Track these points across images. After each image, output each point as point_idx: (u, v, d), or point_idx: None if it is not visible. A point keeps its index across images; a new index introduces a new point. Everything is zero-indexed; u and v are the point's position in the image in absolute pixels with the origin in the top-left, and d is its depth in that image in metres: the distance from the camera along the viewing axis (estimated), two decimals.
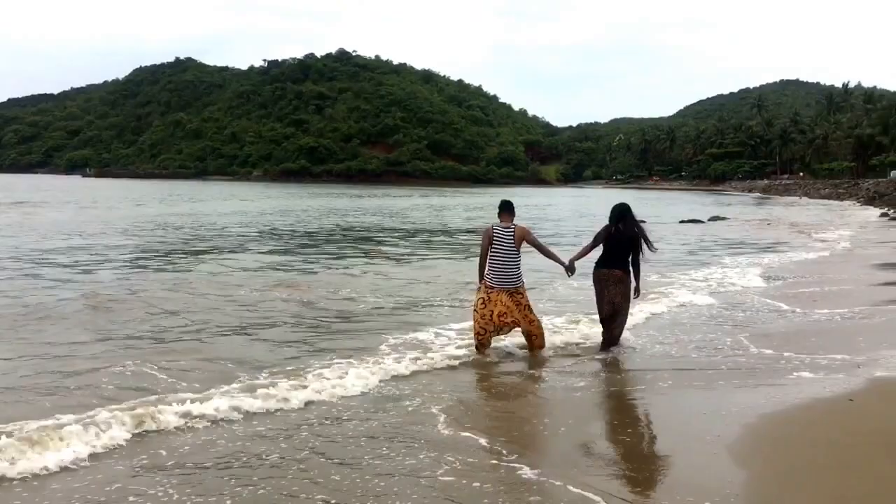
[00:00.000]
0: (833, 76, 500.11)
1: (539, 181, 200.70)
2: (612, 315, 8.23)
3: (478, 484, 4.39)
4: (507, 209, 8.09)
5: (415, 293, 12.53)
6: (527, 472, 4.60)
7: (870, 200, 60.86)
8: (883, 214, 42.10)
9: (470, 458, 4.83)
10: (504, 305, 7.88)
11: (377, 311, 10.77)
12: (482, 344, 8.04)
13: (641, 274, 8.32)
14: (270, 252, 19.80)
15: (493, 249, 7.92)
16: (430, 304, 11.43)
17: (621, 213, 8.21)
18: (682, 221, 36.47)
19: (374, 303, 11.40)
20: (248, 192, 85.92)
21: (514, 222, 8.12)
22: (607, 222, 8.26)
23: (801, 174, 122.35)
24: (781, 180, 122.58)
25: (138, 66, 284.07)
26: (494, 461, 4.79)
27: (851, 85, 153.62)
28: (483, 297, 7.93)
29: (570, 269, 8.33)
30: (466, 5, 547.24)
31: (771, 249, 21.89)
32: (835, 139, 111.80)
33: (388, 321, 9.92)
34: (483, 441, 5.18)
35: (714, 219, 38.77)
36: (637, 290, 8.34)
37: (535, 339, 8.11)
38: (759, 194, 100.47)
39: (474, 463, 4.74)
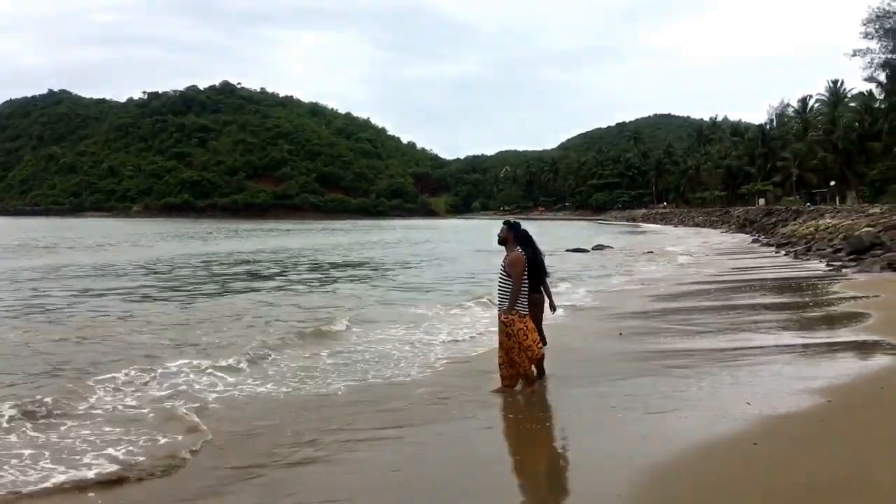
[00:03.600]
0: (701, 110, 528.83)
1: (429, 212, 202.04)
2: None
3: None
4: (519, 232, 7.97)
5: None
6: None
7: (741, 227, 63.87)
8: (755, 241, 44.06)
9: None
10: (535, 332, 7.74)
11: None
12: (519, 376, 7.64)
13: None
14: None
15: (525, 277, 7.70)
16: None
17: (528, 238, 8.19)
18: (567, 250, 37.04)
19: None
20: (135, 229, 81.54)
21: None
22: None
23: (676, 203, 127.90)
24: (658, 209, 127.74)
25: (8, 99, 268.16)
26: None
27: (719, 119, 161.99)
28: (522, 328, 7.58)
29: None
30: (350, 39, 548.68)
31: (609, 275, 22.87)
32: (706, 169, 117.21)
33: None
34: None
35: (598, 247, 39.57)
36: (553, 307, 8.60)
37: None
38: (638, 223, 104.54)
39: None
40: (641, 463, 5.12)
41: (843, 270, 20.15)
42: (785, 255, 29.75)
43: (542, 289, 8.33)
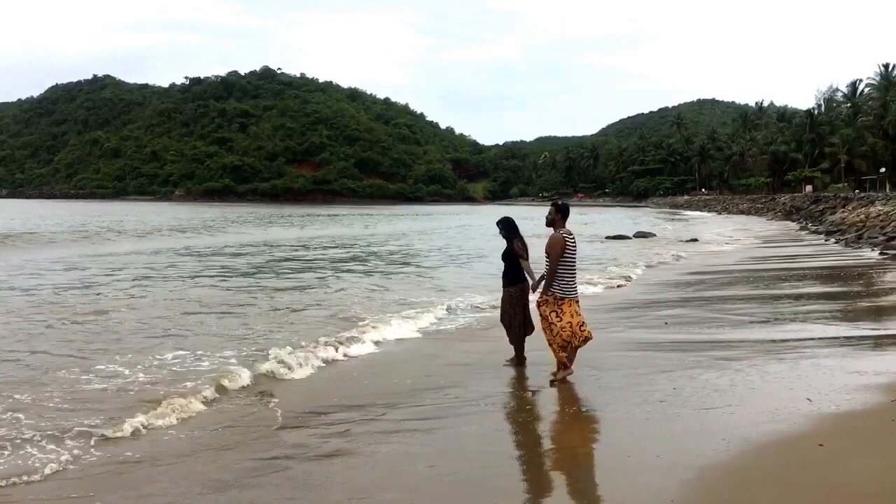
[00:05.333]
0: (747, 95, 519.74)
1: (467, 199, 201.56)
2: None
3: None
4: (567, 214, 7.76)
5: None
6: None
7: (787, 215, 62.34)
8: (802, 228, 42.91)
9: None
10: (579, 315, 7.48)
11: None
12: (567, 360, 7.45)
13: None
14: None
15: (564, 258, 7.47)
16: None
17: (510, 224, 8.43)
18: (608, 237, 36.39)
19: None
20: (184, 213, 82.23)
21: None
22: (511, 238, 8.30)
23: (719, 190, 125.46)
24: (701, 196, 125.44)
25: (54, 84, 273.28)
26: None
27: (765, 104, 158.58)
28: (555, 310, 7.41)
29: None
30: (390, 25, 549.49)
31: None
32: (751, 155, 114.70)
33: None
34: None
35: (639, 235, 38.80)
36: (534, 288, 8.36)
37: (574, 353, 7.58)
38: (680, 210, 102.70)
39: None
40: (694, 464, 4.70)
41: None
42: (835, 242, 28.83)
43: (521, 276, 8.19)
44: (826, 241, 30.66)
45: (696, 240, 34.27)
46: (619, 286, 16.13)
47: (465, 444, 5.57)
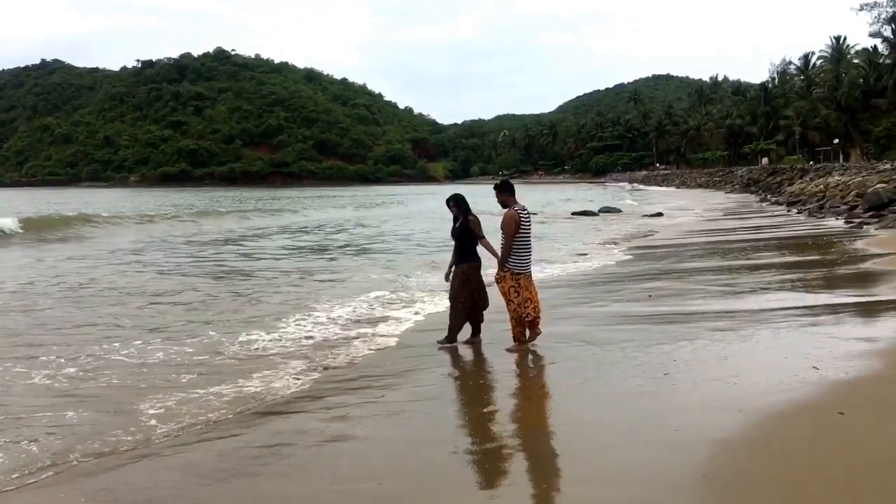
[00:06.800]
0: (701, 70, 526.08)
1: (427, 178, 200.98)
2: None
3: None
4: (513, 191, 7.78)
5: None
6: None
7: (746, 187, 63.19)
8: (762, 200, 43.51)
9: None
10: (534, 289, 7.63)
11: None
12: (522, 335, 7.60)
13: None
14: None
15: (519, 234, 7.53)
16: None
17: (461, 201, 8.23)
18: (574, 213, 36.45)
19: None
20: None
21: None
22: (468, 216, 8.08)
23: (677, 164, 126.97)
24: (659, 171, 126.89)
25: (0, 70, 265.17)
26: None
27: (719, 78, 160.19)
28: (514, 285, 7.51)
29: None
30: (346, 3, 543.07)
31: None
32: (707, 130, 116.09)
33: None
34: None
35: (605, 210, 38.94)
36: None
37: (538, 323, 7.60)
38: (639, 185, 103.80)
39: None
40: (716, 437, 4.55)
41: (864, 227, 19.67)
42: (798, 213, 29.24)
43: (473, 254, 8.01)
44: (788, 211, 31.10)
45: (661, 214, 34.52)
46: (593, 261, 16.09)
47: (469, 424, 5.41)
